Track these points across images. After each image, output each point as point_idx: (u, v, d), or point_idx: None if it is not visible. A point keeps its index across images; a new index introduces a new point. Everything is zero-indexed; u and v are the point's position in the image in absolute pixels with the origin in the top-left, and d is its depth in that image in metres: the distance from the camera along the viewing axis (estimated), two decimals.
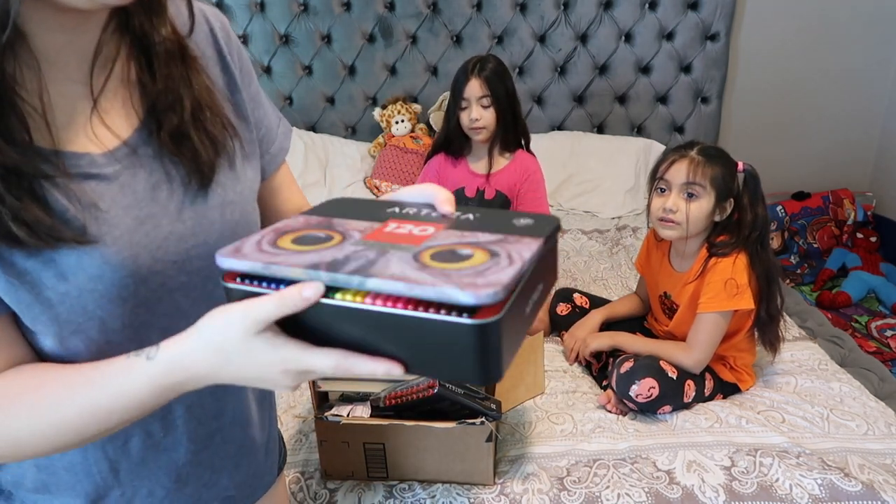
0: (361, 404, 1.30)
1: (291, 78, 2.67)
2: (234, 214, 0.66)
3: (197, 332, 0.53)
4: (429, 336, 0.49)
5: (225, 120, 0.66)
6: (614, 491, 1.23)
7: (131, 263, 0.58)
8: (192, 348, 0.53)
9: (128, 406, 0.55)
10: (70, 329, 0.57)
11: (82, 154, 0.57)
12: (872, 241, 2.84)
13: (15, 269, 0.54)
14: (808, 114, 2.85)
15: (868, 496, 1.21)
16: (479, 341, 0.47)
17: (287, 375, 0.52)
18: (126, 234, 0.58)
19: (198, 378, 0.54)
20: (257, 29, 2.59)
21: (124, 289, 0.58)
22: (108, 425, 0.57)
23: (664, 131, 2.77)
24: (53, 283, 0.55)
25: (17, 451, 0.58)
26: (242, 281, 0.53)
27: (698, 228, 1.48)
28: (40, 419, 0.55)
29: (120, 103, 0.61)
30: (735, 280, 1.43)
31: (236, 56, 0.71)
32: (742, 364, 1.55)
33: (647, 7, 2.60)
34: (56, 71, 0.56)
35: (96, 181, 0.58)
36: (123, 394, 0.55)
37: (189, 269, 0.63)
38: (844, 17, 2.69)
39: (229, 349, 0.51)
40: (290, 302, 0.49)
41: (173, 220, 0.62)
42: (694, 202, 1.45)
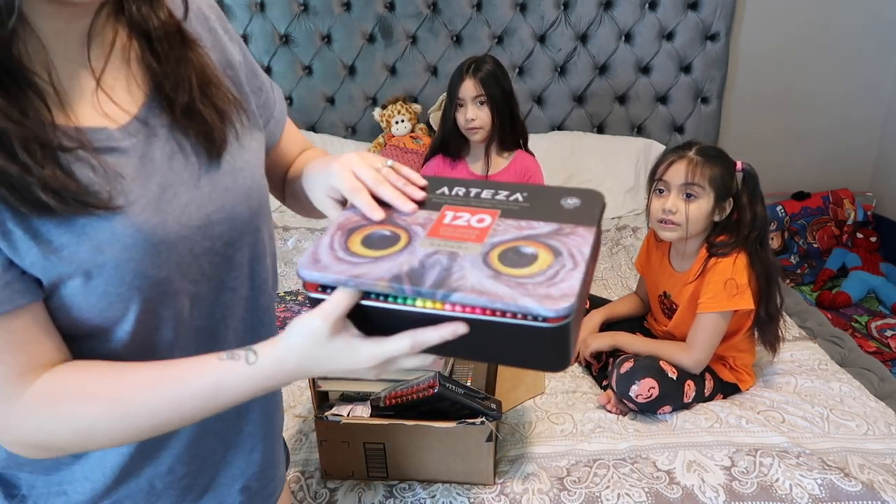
0: (361, 404, 1.30)
1: (291, 78, 2.67)
2: (246, 180, 0.69)
3: (287, 340, 0.59)
4: (506, 336, 0.55)
5: (229, 94, 0.68)
6: (614, 491, 1.23)
7: (161, 230, 0.60)
8: (285, 354, 0.59)
9: (223, 404, 0.61)
10: (110, 302, 0.58)
11: (100, 129, 0.59)
12: (872, 241, 2.84)
13: (52, 245, 0.55)
14: (809, 114, 2.85)
15: (868, 496, 1.21)
16: (555, 340, 0.55)
17: (373, 368, 0.59)
18: (152, 201, 0.60)
19: (292, 378, 0.61)
20: (257, 29, 2.59)
21: (157, 256, 0.59)
22: (192, 419, 0.62)
23: (664, 131, 2.77)
24: (90, 256, 0.56)
25: (89, 444, 0.62)
26: (324, 291, 0.59)
27: (698, 229, 1.48)
28: (123, 415, 0.59)
29: (123, 82, 0.63)
30: (735, 280, 1.43)
31: (225, 30, 0.73)
32: (742, 364, 1.55)
33: (647, 7, 2.60)
34: (59, 53, 0.57)
35: (117, 154, 0.59)
36: (221, 393, 0.60)
37: (211, 234, 0.65)
38: (845, 17, 2.69)
39: (318, 354, 0.58)
40: (348, 293, 0.57)
41: (191, 188, 0.63)
42: (693, 203, 1.45)
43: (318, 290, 0.59)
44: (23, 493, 0.69)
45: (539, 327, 0.53)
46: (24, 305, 0.56)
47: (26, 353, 0.57)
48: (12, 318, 0.55)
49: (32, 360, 0.57)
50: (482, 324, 0.55)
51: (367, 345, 0.58)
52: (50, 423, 0.59)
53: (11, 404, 0.57)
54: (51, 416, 0.58)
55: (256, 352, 0.60)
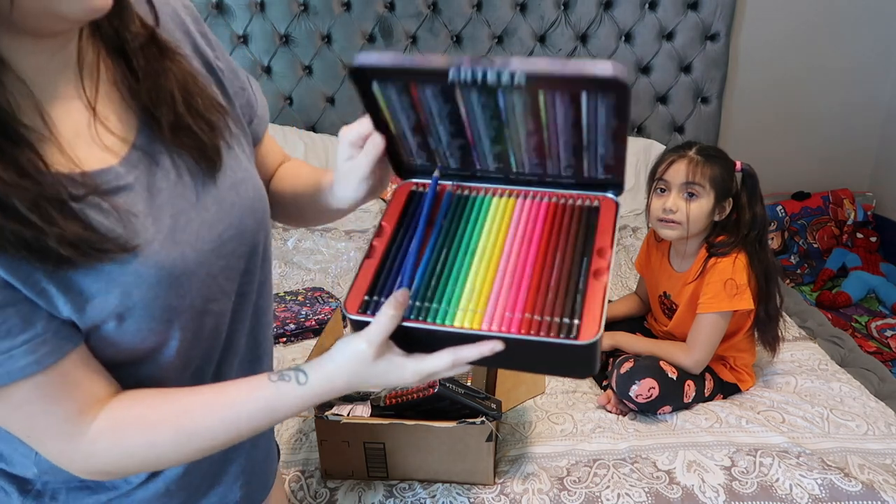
0: (362, 404, 1.30)
1: (291, 78, 2.67)
2: (248, 191, 0.69)
3: (332, 360, 0.63)
4: (539, 351, 0.59)
5: (214, 102, 0.67)
6: (614, 491, 1.23)
7: (181, 262, 0.61)
8: (333, 374, 0.63)
9: (276, 421, 0.66)
10: (143, 337, 0.60)
11: (106, 169, 0.58)
12: (872, 241, 2.84)
13: (83, 296, 0.56)
14: (808, 114, 2.85)
15: (868, 496, 1.21)
16: (586, 354, 0.59)
17: (415, 381, 0.63)
18: (169, 234, 0.60)
19: (341, 394, 0.65)
20: (257, 29, 2.59)
21: (180, 287, 0.61)
22: (248, 436, 0.66)
23: (664, 131, 2.77)
24: (120, 301, 0.57)
25: (155, 467, 0.66)
26: (364, 313, 0.62)
27: (698, 228, 1.48)
28: (187, 440, 0.63)
29: (116, 105, 0.62)
30: (735, 280, 1.43)
31: (202, 33, 0.72)
32: (742, 364, 1.55)
33: (647, 7, 2.60)
34: (47, 91, 0.56)
35: (126, 193, 0.59)
36: (274, 413, 0.64)
37: (224, 253, 0.66)
38: (844, 17, 2.69)
39: (364, 374, 0.62)
40: (388, 316, 0.60)
41: (200, 211, 0.64)
42: (694, 202, 1.45)
43: (359, 313, 0.62)
44: (37, 489, 0.69)
45: (572, 345, 0.57)
46: (72, 350, 0.58)
47: (81, 391, 0.59)
48: (63, 363, 0.57)
49: (88, 398, 0.60)
50: (518, 342, 0.58)
51: (411, 362, 0.62)
52: (118, 454, 0.62)
53: (78, 441, 0.60)
54: (118, 447, 0.62)
55: (307, 373, 0.64)
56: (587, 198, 0.69)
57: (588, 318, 0.59)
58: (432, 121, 0.64)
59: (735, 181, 1.47)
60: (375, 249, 0.67)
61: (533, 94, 0.58)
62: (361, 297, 0.64)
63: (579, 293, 0.61)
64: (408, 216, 0.70)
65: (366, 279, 0.65)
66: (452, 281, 0.64)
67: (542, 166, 0.68)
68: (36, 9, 0.50)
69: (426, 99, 0.62)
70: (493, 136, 0.64)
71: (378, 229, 0.69)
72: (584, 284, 0.61)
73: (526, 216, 0.68)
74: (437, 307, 0.62)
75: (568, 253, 0.65)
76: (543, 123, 0.62)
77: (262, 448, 0.84)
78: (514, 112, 0.60)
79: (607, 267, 0.62)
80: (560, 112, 0.59)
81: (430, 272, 0.65)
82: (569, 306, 0.60)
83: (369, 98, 0.64)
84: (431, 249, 0.66)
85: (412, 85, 0.60)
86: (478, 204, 0.70)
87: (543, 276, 0.63)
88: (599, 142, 0.63)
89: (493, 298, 0.62)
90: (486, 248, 0.66)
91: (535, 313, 0.60)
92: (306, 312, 1.80)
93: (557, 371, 0.67)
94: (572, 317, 0.59)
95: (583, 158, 0.65)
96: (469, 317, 0.60)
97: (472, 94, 0.59)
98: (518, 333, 0.58)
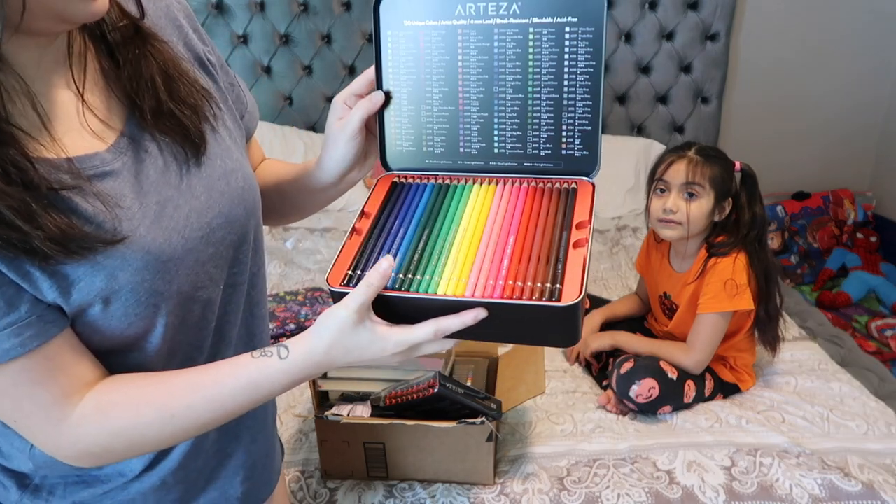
0: (361, 404, 1.30)
1: (291, 78, 2.67)
2: (238, 181, 0.70)
3: (317, 334, 0.62)
4: (523, 317, 0.59)
5: (197, 86, 0.68)
6: (614, 491, 1.23)
7: (168, 248, 0.61)
8: (315, 347, 0.62)
9: (261, 398, 0.65)
10: (130, 322, 0.60)
11: (92, 154, 0.59)
12: (872, 241, 2.83)
13: (69, 280, 0.56)
14: (809, 114, 2.85)
15: (868, 496, 1.21)
16: (569, 317, 0.59)
17: (398, 355, 0.62)
18: (155, 220, 0.61)
19: (324, 368, 0.64)
20: (257, 29, 2.59)
21: (167, 273, 0.61)
22: (235, 415, 0.65)
23: (664, 131, 2.77)
24: (106, 284, 0.58)
25: (141, 450, 0.65)
26: (346, 286, 0.62)
27: (698, 228, 1.48)
28: (171, 419, 0.62)
29: (105, 95, 0.63)
30: (735, 280, 1.43)
31: (195, 28, 0.73)
32: (742, 364, 1.55)
33: (647, 7, 2.60)
34: (39, 80, 0.57)
35: (112, 178, 0.60)
36: (258, 389, 0.63)
37: (213, 240, 0.66)
38: (845, 17, 2.69)
39: (345, 342, 0.61)
40: (373, 281, 0.60)
41: (189, 198, 0.64)
42: (694, 202, 1.45)
43: (341, 286, 0.62)
44: (35, 483, 0.70)
45: (554, 307, 0.58)
46: (57, 334, 0.58)
47: (67, 376, 0.59)
48: (48, 347, 0.58)
49: (74, 382, 0.60)
50: (501, 307, 0.59)
51: (393, 332, 0.61)
52: (103, 436, 0.62)
53: (63, 425, 0.60)
54: (103, 430, 0.62)
55: (288, 347, 0.63)
56: (565, 181, 0.71)
57: (569, 283, 0.60)
58: None
59: (735, 181, 1.47)
60: (358, 230, 0.69)
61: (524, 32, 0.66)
62: (344, 271, 0.64)
63: (560, 262, 0.62)
64: (389, 203, 0.72)
65: (349, 255, 0.66)
66: (436, 255, 0.65)
67: (522, 142, 0.71)
68: (45, 13, 0.52)
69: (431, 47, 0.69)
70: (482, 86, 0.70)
71: (360, 214, 0.71)
72: (564, 254, 0.63)
73: (507, 198, 0.70)
74: (419, 279, 0.62)
75: (548, 227, 0.67)
76: (529, 69, 0.67)
77: (263, 443, 0.84)
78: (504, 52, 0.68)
79: (586, 239, 0.64)
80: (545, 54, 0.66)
81: (414, 249, 0.66)
82: (550, 273, 0.61)
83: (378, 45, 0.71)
84: (415, 228, 0.68)
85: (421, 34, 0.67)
86: (460, 191, 0.72)
87: (525, 247, 0.65)
88: (578, 95, 0.67)
89: (475, 268, 0.63)
90: (469, 226, 0.68)
91: (518, 280, 0.61)
92: (306, 312, 1.80)
93: (542, 339, 0.67)
94: (554, 282, 0.61)
95: (562, 123, 0.69)
96: (452, 285, 0.61)
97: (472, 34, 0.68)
98: (501, 298, 0.59)
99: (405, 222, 0.69)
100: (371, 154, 0.77)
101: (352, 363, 0.63)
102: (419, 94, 0.73)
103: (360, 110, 0.72)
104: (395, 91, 0.73)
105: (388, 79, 0.73)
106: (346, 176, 0.78)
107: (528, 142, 0.71)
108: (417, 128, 0.74)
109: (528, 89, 0.69)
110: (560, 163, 0.71)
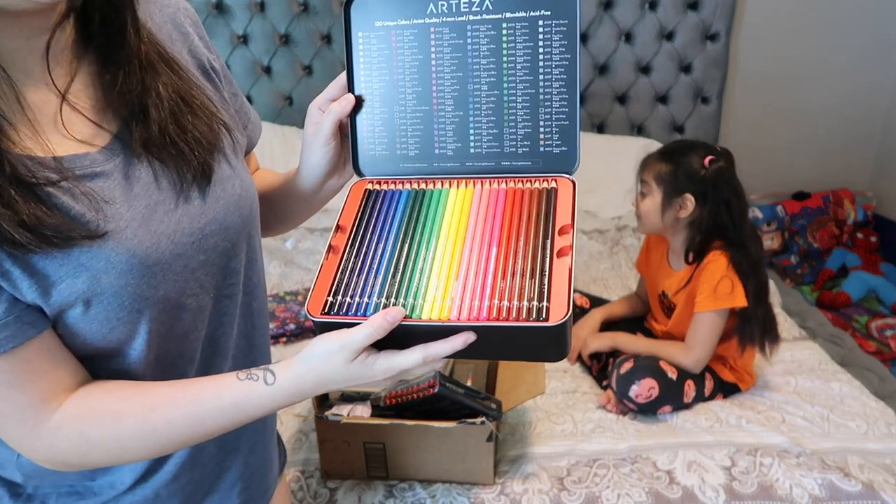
0: (362, 404, 1.30)
1: (291, 78, 2.67)
2: (235, 188, 0.69)
3: (304, 361, 0.61)
4: (510, 337, 0.59)
5: (207, 109, 0.66)
6: (614, 491, 1.23)
7: (155, 252, 0.60)
8: (302, 374, 0.61)
9: (244, 420, 0.64)
10: (112, 326, 0.59)
11: (83, 155, 0.58)
12: (872, 241, 2.83)
13: (49, 280, 0.55)
14: (809, 113, 2.84)
15: (868, 496, 1.21)
16: (557, 336, 0.58)
17: (386, 380, 0.62)
18: (143, 223, 0.60)
19: (308, 395, 0.63)
20: (257, 29, 2.59)
21: (153, 277, 0.60)
22: (216, 434, 0.64)
23: (664, 131, 2.77)
24: (88, 286, 0.56)
25: (119, 460, 0.64)
26: (328, 314, 0.62)
27: (652, 224, 1.54)
28: (152, 433, 0.61)
29: (100, 101, 0.61)
30: (729, 278, 1.43)
31: (201, 36, 0.72)
32: (742, 364, 1.55)
33: (647, 7, 2.60)
34: (26, 77, 0.56)
35: (102, 179, 0.59)
36: (241, 411, 0.63)
37: (206, 247, 0.65)
38: (844, 17, 2.69)
39: (333, 374, 0.61)
40: (378, 329, 0.58)
41: (181, 203, 0.63)
42: (645, 199, 1.54)
43: (323, 314, 0.61)
44: (28, 493, 0.69)
45: (542, 328, 0.57)
46: (35, 336, 0.57)
47: (45, 380, 0.58)
48: (26, 349, 0.56)
49: (53, 386, 0.59)
50: (488, 330, 0.58)
51: (381, 359, 0.60)
52: (82, 443, 0.61)
53: (40, 429, 0.59)
54: (82, 437, 0.61)
55: (274, 373, 0.62)
56: (544, 179, 0.69)
57: (556, 299, 0.58)
58: None
59: (705, 176, 1.47)
60: (335, 249, 0.67)
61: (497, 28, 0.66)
62: (324, 297, 0.63)
63: (544, 275, 0.61)
64: (365, 215, 0.70)
65: (327, 279, 0.64)
66: (417, 275, 0.63)
67: (498, 140, 0.70)
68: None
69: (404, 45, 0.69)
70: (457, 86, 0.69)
71: (335, 229, 0.69)
72: (548, 265, 0.62)
73: (486, 203, 0.69)
74: (403, 302, 0.61)
75: (530, 235, 0.65)
76: (504, 65, 0.67)
77: (261, 454, 0.82)
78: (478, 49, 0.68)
79: (570, 245, 0.62)
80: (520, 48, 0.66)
81: (394, 268, 0.64)
82: (535, 289, 0.60)
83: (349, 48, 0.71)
84: (394, 243, 0.67)
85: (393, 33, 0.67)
86: (436, 196, 0.70)
87: (508, 259, 0.63)
88: (554, 89, 0.66)
89: (459, 287, 0.61)
90: (449, 238, 0.66)
91: (503, 299, 0.59)
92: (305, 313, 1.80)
93: (531, 356, 0.67)
94: (540, 299, 0.59)
95: (539, 119, 0.68)
96: (437, 308, 0.60)
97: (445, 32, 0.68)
98: (487, 321, 0.58)
99: (382, 237, 0.67)
100: (347, 154, 0.76)
101: (340, 388, 0.63)
102: (392, 96, 0.71)
103: (331, 115, 0.72)
104: (367, 94, 0.72)
105: (360, 82, 0.72)
106: (326, 183, 0.77)
107: (504, 140, 0.70)
108: (391, 130, 0.73)
109: (503, 86, 0.68)
110: (538, 161, 0.70)
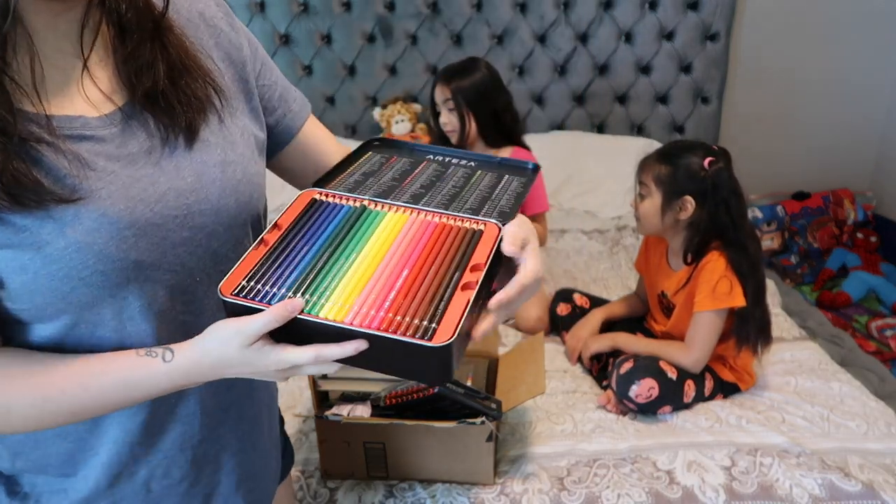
0: (362, 404, 1.30)
1: (291, 78, 2.65)
2: (237, 174, 0.69)
3: (202, 344, 0.62)
4: (399, 351, 0.61)
5: (207, 79, 0.68)
6: (614, 491, 1.23)
7: (127, 216, 0.60)
8: (199, 357, 0.62)
9: (140, 396, 0.64)
10: (73, 286, 0.58)
11: (76, 117, 0.60)
12: (872, 241, 2.84)
13: (14, 227, 0.56)
14: (809, 114, 2.85)
15: (868, 496, 1.21)
16: (439, 357, 0.60)
17: (279, 372, 0.63)
18: (122, 188, 0.60)
19: (206, 378, 0.65)
20: (257, 29, 2.59)
21: (123, 241, 0.60)
22: (111, 410, 0.65)
23: (664, 131, 2.77)
24: (52, 238, 0.57)
25: (16, 425, 0.63)
26: (237, 296, 0.62)
27: (652, 226, 1.53)
28: (43, 402, 0.61)
29: (112, 72, 0.64)
30: (727, 278, 1.43)
31: (232, 26, 0.75)
32: (742, 364, 1.55)
33: (647, 7, 2.60)
34: (46, 44, 0.58)
35: (91, 142, 0.60)
36: (139, 387, 0.63)
37: (191, 225, 0.65)
38: (845, 16, 2.69)
39: (229, 358, 0.61)
40: (276, 317, 0.59)
41: (172, 178, 0.64)
42: (644, 201, 1.53)
43: (231, 296, 0.62)
44: (25, 492, 0.69)
45: (423, 346, 0.59)
46: None
47: None
48: None
49: None
50: (375, 339, 0.60)
51: (275, 351, 0.61)
52: None
53: None
54: None
55: (174, 352, 0.63)
56: (475, 221, 0.73)
57: (445, 324, 0.61)
58: None
59: (704, 177, 1.47)
60: (265, 242, 0.69)
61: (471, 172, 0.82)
62: (239, 280, 0.64)
63: (442, 301, 0.64)
64: (302, 220, 0.73)
65: (248, 266, 0.66)
66: (329, 279, 0.66)
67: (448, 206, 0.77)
68: None
69: None
70: None
71: (272, 226, 0.71)
72: (450, 294, 0.64)
73: (414, 231, 0.72)
74: (308, 299, 0.63)
75: (444, 266, 0.68)
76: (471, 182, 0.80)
77: (264, 454, 0.83)
78: None
79: (476, 282, 0.65)
80: None
81: (311, 269, 0.67)
82: (430, 311, 0.62)
83: None
84: (318, 249, 0.69)
85: None
86: (372, 217, 0.74)
87: (415, 282, 0.66)
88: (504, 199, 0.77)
89: (362, 297, 0.64)
90: (369, 254, 0.69)
91: (397, 314, 0.62)
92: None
93: (413, 374, 0.68)
94: (431, 321, 0.62)
95: (486, 203, 0.77)
96: (336, 310, 0.62)
97: None
98: (377, 330, 0.60)
99: (310, 241, 0.69)
100: None
101: (235, 375, 0.64)
102: None
103: None
104: None
105: None
106: None
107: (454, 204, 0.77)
108: None
109: (464, 188, 0.79)
110: None
